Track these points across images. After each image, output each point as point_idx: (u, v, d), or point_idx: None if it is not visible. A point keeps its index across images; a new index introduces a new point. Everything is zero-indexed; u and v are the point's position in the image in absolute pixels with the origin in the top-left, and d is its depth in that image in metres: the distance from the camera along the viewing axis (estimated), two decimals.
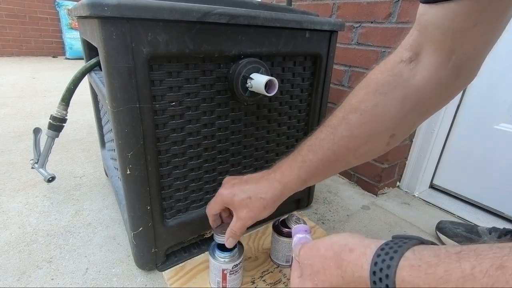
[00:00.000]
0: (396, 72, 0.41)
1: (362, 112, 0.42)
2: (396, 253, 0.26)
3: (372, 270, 0.27)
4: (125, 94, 0.48)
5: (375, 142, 0.43)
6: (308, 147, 0.47)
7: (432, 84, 0.39)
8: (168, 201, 0.62)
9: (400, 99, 0.41)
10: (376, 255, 0.28)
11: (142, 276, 0.65)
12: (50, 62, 3.60)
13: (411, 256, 0.26)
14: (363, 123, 0.42)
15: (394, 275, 0.25)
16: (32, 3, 3.81)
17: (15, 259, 0.68)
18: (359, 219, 0.90)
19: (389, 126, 0.42)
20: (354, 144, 0.44)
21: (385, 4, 0.90)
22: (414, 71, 0.40)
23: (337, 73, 1.08)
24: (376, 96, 0.42)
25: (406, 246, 0.27)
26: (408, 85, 0.40)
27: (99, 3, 0.41)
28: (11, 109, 1.73)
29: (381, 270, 0.26)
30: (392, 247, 0.27)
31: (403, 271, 0.25)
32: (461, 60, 0.37)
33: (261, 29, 0.58)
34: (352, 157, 0.45)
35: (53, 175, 0.83)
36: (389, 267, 0.26)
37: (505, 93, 0.87)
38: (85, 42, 0.81)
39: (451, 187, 1.04)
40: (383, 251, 0.27)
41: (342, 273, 0.30)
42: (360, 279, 0.28)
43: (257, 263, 0.68)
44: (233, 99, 0.62)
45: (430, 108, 0.43)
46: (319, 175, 0.48)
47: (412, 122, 0.44)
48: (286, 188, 0.49)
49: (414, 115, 0.42)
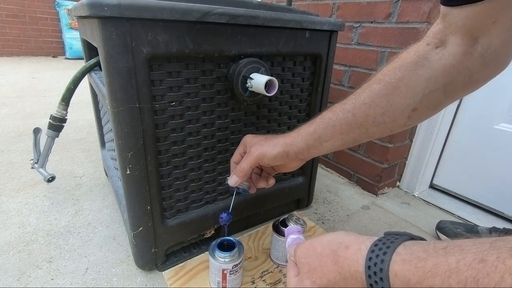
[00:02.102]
0: (423, 54, 0.42)
1: (386, 83, 0.44)
2: (389, 249, 0.28)
3: (367, 264, 0.29)
4: (125, 94, 0.48)
5: (396, 113, 0.44)
6: (329, 109, 0.48)
7: (459, 69, 0.40)
8: (168, 201, 0.62)
9: (425, 76, 0.42)
10: (370, 250, 0.29)
11: (142, 276, 0.65)
12: (50, 62, 3.60)
13: (403, 251, 0.27)
14: (385, 93, 0.44)
15: (387, 268, 0.27)
16: (32, 3, 3.81)
17: (15, 259, 0.68)
18: (359, 219, 0.90)
19: (412, 101, 0.43)
20: (374, 111, 0.44)
21: (385, 4, 0.90)
22: (440, 55, 0.41)
23: (337, 73, 1.08)
24: (401, 71, 0.43)
25: (398, 241, 0.29)
26: (435, 67, 0.41)
27: (99, 3, 0.41)
28: (11, 109, 1.73)
29: (375, 264, 0.28)
30: (385, 243, 0.29)
31: (395, 265, 0.27)
32: (487, 51, 0.38)
33: (261, 29, 0.58)
34: (371, 124, 0.45)
35: (53, 175, 0.83)
36: (383, 262, 0.27)
37: (505, 93, 0.87)
38: (85, 42, 0.81)
39: (451, 187, 1.04)
40: (377, 247, 0.29)
41: (339, 269, 0.32)
42: (356, 273, 0.30)
43: (257, 263, 0.68)
44: (233, 99, 0.62)
45: (459, 91, 0.43)
46: (335, 136, 0.47)
47: (438, 101, 0.44)
48: (300, 136, 0.49)
49: (439, 93, 0.43)
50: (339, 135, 0.47)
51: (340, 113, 0.46)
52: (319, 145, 0.48)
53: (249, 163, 0.51)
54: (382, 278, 0.27)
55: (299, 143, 0.49)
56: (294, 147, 0.49)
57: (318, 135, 0.48)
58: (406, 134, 1.00)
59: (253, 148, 0.51)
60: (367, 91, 0.45)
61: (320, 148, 0.48)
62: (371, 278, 0.28)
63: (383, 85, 0.44)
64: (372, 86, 0.45)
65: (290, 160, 0.50)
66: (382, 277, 0.27)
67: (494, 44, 0.37)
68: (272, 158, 0.50)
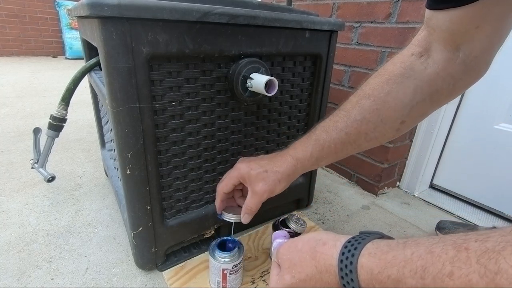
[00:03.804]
0: (408, 65, 0.43)
1: (375, 98, 0.45)
2: (359, 244, 0.32)
3: (339, 258, 0.32)
4: (125, 94, 0.48)
5: (386, 127, 0.45)
6: (322, 127, 0.50)
7: (443, 76, 0.42)
8: (168, 201, 0.62)
9: (412, 88, 0.43)
10: (343, 246, 0.33)
11: (142, 276, 0.65)
12: (50, 62, 3.60)
13: (370, 246, 0.31)
14: (375, 108, 0.45)
15: (356, 261, 0.30)
16: (32, 3, 3.81)
17: (15, 259, 0.68)
18: (359, 219, 0.90)
19: (400, 113, 0.44)
20: (366, 128, 0.46)
21: (385, 4, 0.90)
22: (425, 64, 0.42)
23: (337, 73, 1.08)
24: (389, 85, 0.44)
25: (369, 239, 0.32)
26: (420, 77, 0.42)
27: (99, 3, 0.41)
28: (11, 109, 1.73)
29: (347, 258, 0.31)
30: (357, 240, 0.33)
31: (363, 258, 0.30)
32: (468, 57, 0.39)
33: (261, 29, 0.58)
34: (363, 140, 0.47)
35: (53, 175, 0.83)
36: (353, 256, 0.31)
37: (505, 93, 0.87)
38: (85, 42, 0.81)
39: (451, 187, 1.04)
40: (350, 243, 0.33)
41: (316, 263, 0.35)
42: (330, 267, 0.33)
43: (257, 263, 0.68)
44: (233, 99, 0.62)
45: (443, 98, 0.44)
46: (330, 155, 0.49)
47: (424, 111, 0.45)
48: (299, 163, 0.50)
49: (426, 104, 0.44)
50: (334, 154, 0.49)
51: (333, 133, 0.48)
52: (316, 165, 0.51)
53: (257, 205, 0.51)
54: (351, 270, 0.30)
55: (299, 170, 0.51)
56: (296, 174, 0.51)
57: (315, 158, 0.49)
58: (406, 134, 1.00)
59: (257, 187, 0.50)
60: (357, 108, 0.46)
61: (315, 166, 0.51)
62: (342, 270, 0.31)
63: (373, 100, 0.45)
64: (361, 102, 0.46)
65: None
66: (351, 269, 0.30)
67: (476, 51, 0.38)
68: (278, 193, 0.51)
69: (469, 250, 0.23)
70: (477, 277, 0.21)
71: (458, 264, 0.23)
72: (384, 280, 0.27)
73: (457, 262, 0.23)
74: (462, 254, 0.23)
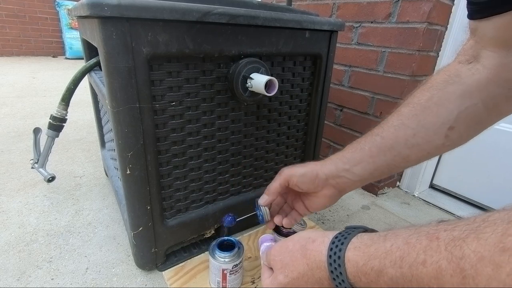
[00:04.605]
0: (453, 72, 0.42)
1: (414, 104, 0.44)
2: (346, 239, 0.33)
3: (328, 254, 0.33)
4: (125, 94, 0.48)
5: (429, 132, 0.43)
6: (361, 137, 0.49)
7: (497, 81, 0.40)
8: (168, 201, 0.62)
9: (458, 93, 0.41)
10: (331, 242, 0.34)
11: (142, 276, 0.65)
12: (50, 62, 3.60)
13: (355, 241, 0.32)
14: (414, 114, 0.44)
15: (343, 255, 0.32)
16: (32, 3, 3.81)
17: (15, 259, 0.68)
18: (359, 219, 0.90)
19: (446, 119, 0.42)
20: (404, 133, 0.44)
21: (385, 4, 0.90)
22: (473, 70, 0.41)
23: (337, 73, 1.08)
24: (430, 91, 0.43)
25: (354, 233, 0.34)
26: (467, 83, 0.41)
27: (99, 3, 0.41)
28: (11, 109, 1.73)
29: (335, 253, 0.32)
30: (343, 235, 0.34)
31: (349, 252, 0.32)
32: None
33: (261, 29, 0.58)
34: (403, 146, 0.44)
35: (53, 175, 0.83)
36: (340, 250, 0.32)
37: None
38: (85, 42, 0.81)
39: (451, 187, 1.04)
40: (337, 239, 0.34)
41: (307, 261, 0.35)
42: (320, 263, 0.34)
43: (257, 263, 0.68)
44: (233, 99, 0.62)
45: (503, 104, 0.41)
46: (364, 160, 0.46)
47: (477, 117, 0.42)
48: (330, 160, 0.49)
49: (478, 109, 0.41)
50: (369, 158, 0.46)
51: (368, 137, 0.47)
52: (349, 168, 0.47)
53: (278, 181, 0.50)
54: (339, 264, 0.31)
55: (328, 165, 0.48)
56: (323, 168, 0.48)
57: (347, 158, 0.47)
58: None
59: (285, 169, 0.51)
60: (395, 115, 0.45)
61: (351, 172, 0.47)
62: (331, 265, 0.32)
63: (412, 106, 0.44)
64: (400, 109, 0.45)
65: (321, 184, 0.48)
66: (339, 263, 0.32)
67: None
68: (301, 175, 0.48)
69: (439, 239, 0.25)
70: (445, 263, 0.23)
71: (430, 252, 0.25)
72: (368, 272, 0.29)
73: (429, 250, 0.25)
74: (434, 243, 0.25)
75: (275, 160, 0.77)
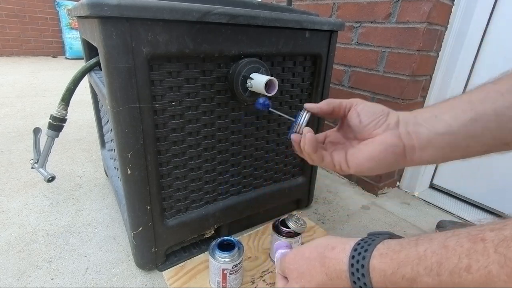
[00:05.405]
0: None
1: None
2: (370, 246, 0.30)
3: (350, 262, 0.30)
4: (125, 94, 0.48)
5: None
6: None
7: None
8: (168, 201, 0.62)
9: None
10: (353, 249, 0.31)
11: (142, 276, 0.65)
12: (50, 62, 3.60)
13: (381, 247, 0.29)
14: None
15: (368, 264, 0.28)
16: (32, 2, 3.81)
17: (15, 259, 0.68)
18: (359, 219, 0.90)
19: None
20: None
21: (385, 4, 0.90)
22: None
23: (337, 73, 1.08)
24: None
25: (379, 239, 0.30)
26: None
27: (99, 3, 0.41)
28: (11, 109, 1.73)
29: (357, 261, 0.29)
30: (366, 241, 0.31)
31: (374, 259, 0.28)
32: None
33: (261, 29, 0.58)
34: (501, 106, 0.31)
35: (53, 175, 0.83)
36: (364, 258, 0.29)
37: None
38: (85, 42, 0.81)
39: (451, 187, 1.04)
40: (359, 245, 0.31)
41: (325, 269, 0.32)
42: (340, 272, 0.31)
43: (257, 263, 0.68)
44: (233, 99, 0.62)
45: None
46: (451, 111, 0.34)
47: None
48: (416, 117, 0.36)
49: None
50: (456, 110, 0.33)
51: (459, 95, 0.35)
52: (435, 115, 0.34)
53: (340, 100, 0.39)
54: (363, 274, 0.28)
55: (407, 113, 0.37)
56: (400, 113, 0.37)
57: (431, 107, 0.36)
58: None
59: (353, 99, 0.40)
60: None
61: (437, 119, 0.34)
62: (354, 275, 0.29)
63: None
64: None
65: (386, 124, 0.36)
66: (363, 272, 0.28)
67: None
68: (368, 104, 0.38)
69: (486, 241, 0.21)
70: (497, 267, 0.20)
71: (475, 256, 0.21)
72: (398, 281, 0.26)
73: (474, 254, 0.21)
74: (479, 246, 0.22)
75: (275, 160, 0.77)
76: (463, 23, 0.86)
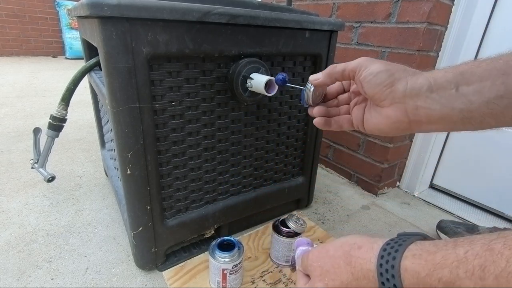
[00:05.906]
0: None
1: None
2: (400, 246, 0.28)
3: (379, 262, 0.28)
4: (125, 94, 0.48)
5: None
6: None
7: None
8: (168, 201, 0.62)
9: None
10: (382, 249, 0.29)
11: (142, 276, 0.65)
12: (50, 62, 3.60)
13: (414, 247, 0.27)
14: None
15: (398, 265, 0.27)
16: (32, 2, 3.81)
17: (15, 259, 0.68)
18: (359, 219, 0.90)
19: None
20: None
21: (385, 4, 0.90)
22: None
23: None
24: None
25: (411, 240, 0.29)
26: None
27: (99, 3, 0.41)
28: (11, 109, 1.73)
29: (387, 262, 0.28)
30: (397, 242, 0.29)
31: (406, 260, 0.27)
32: None
33: (261, 29, 0.58)
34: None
35: (53, 175, 0.83)
36: (394, 258, 0.27)
37: None
38: (85, 42, 0.81)
39: (451, 187, 1.04)
40: (389, 246, 0.29)
41: (351, 269, 0.31)
42: (368, 272, 0.29)
43: (257, 263, 0.68)
44: (233, 99, 0.62)
45: None
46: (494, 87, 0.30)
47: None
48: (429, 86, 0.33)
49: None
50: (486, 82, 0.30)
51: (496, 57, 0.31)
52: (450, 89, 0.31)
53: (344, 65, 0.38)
54: (393, 275, 0.27)
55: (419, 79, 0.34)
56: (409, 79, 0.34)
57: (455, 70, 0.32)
58: (406, 134, 1.00)
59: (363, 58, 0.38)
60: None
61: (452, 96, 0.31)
62: (382, 276, 0.28)
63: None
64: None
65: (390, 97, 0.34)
66: (393, 273, 0.27)
67: None
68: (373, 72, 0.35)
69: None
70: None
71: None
72: (434, 284, 0.24)
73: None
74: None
75: (275, 160, 0.77)
76: (463, 23, 0.86)
